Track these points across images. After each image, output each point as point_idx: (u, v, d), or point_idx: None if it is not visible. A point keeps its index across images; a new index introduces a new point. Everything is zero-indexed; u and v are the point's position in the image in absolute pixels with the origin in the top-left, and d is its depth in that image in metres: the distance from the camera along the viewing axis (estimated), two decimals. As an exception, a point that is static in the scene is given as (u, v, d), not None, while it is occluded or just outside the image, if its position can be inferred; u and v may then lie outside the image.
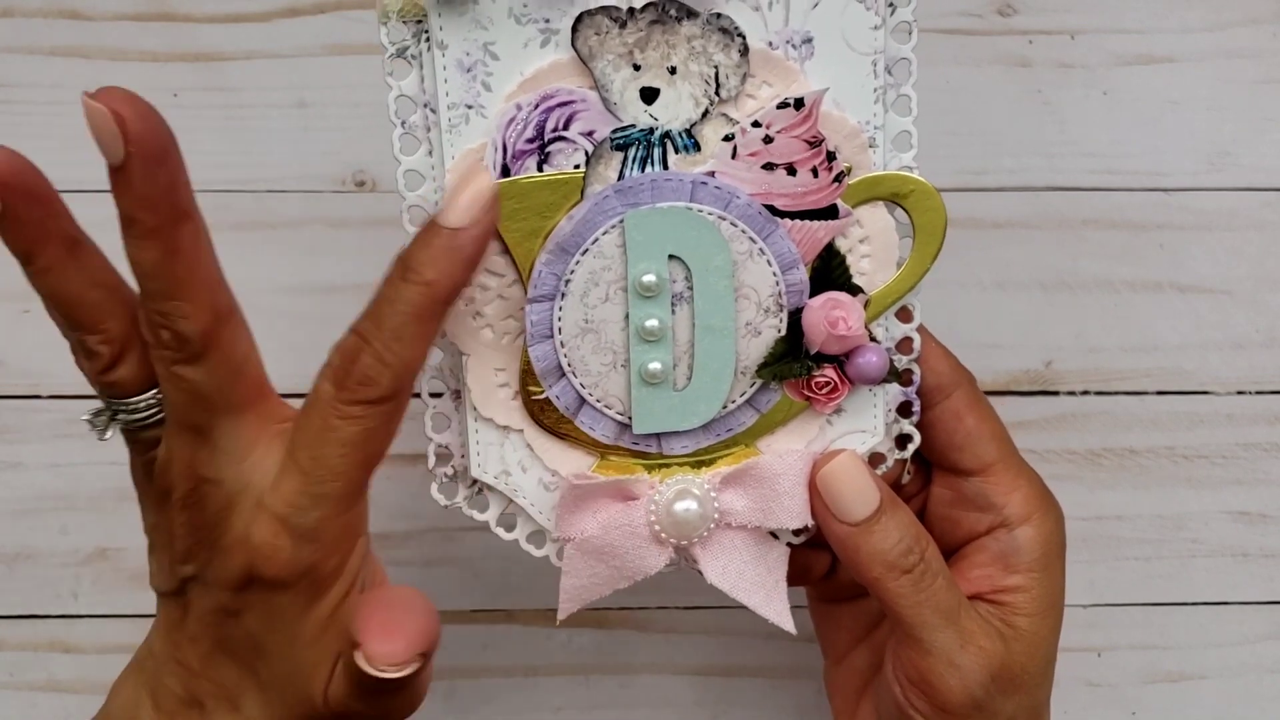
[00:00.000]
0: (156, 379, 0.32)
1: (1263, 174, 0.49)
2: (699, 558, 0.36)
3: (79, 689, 0.48)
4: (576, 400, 0.35)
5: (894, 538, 0.35)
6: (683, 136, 0.34)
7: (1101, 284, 0.49)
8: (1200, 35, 0.49)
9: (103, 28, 0.47)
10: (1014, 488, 0.37)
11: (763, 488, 0.35)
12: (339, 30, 0.48)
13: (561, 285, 0.34)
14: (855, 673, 0.41)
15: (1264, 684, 0.50)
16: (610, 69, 0.33)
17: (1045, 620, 0.37)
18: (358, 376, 0.31)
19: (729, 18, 0.33)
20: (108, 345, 0.32)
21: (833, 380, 0.35)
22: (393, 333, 0.31)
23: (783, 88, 0.34)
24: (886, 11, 0.34)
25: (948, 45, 0.48)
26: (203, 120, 0.48)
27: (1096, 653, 0.50)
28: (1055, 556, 0.37)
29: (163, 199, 0.30)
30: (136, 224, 0.30)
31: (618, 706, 0.50)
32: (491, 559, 0.49)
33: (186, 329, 0.31)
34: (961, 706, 0.35)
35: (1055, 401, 0.49)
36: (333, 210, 0.48)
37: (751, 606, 0.36)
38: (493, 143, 0.33)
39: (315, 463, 0.31)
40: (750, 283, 0.35)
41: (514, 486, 0.36)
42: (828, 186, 0.34)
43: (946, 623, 0.35)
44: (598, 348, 0.35)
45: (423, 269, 0.31)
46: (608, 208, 0.34)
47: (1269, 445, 0.50)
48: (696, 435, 0.36)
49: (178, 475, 0.32)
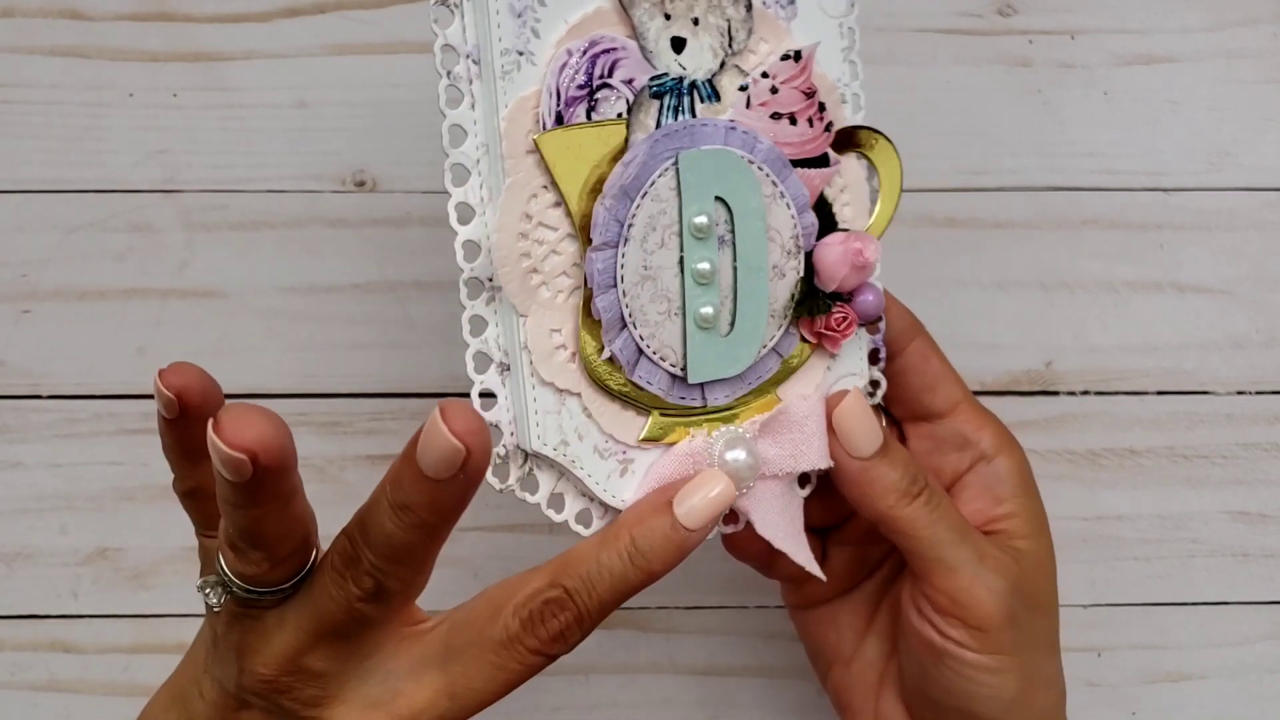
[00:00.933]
0: (287, 579, 0.32)
1: (1263, 174, 0.49)
2: (748, 509, 0.36)
3: (79, 689, 0.48)
4: (635, 353, 0.35)
5: (900, 468, 0.36)
6: (705, 86, 0.35)
7: (1101, 284, 0.49)
8: (1200, 35, 0.49)
9: (103, 28, 0.47)
10: (984, 424, 0.39)
11: (793, 433, 0.36)
12: (339, 30, 0.48)
13: (625, 231, 0.34)
14: (868, 667, 0.41)
15: (1264, 684, 0.50)
16: (646, 17, 0.34)
17: (1041, 540, 0.38)
18: (553, 632, 0.32)
19: None
20: (269, 562, 0.32)
21: (850, 315, 0.36)
22: (600, 604, 0.32)
23: (775, 45, 0.35)
24: None
25: (948, 45, 0.48)
26: (203, 120, 0.48)
27: (1096, 653, 0.50)
28: (1032, 484, 0.39)
29: (454, 508, 0.31)
30: (413, 513, 0.31)
31: (618, 706, 0.50)
32: (491, 559, 0.49)
33: (393, 586, 0.32)
34: (997, 619, 0.36)
35: (1055, 401, 0.49)
36: (333, 210, 0.48)
37: (790, 554, 0.37)
38: (547, 88, 0.33)
39: (467, 687, 0.32)
40: (775, 225, 0.35)
41: (572, 456, 0.35)
42: (820, 135, 0.36)
43: (963, 539, 0.36)
44: (655, 295, 0.35)
45: (652, 559, 0.32)
46: (660, 151, 0.34)
47: (1269, 445, 0.50)
48: (733, 384, 0.36)
49: (279, 652, 0.32)
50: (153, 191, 0.47)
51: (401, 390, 0.48)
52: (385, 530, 0.31)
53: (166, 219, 0.48)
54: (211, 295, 0.48)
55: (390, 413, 0.48)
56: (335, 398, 0.48)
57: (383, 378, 0.48)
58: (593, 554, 0.32)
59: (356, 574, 0.31)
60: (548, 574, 0.33)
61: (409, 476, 0.30)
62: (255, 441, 0.29)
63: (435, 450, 0.29)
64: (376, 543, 0.31)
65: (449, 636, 0.33)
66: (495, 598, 0.33)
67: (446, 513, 0.31)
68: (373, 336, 0.48)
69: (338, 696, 0.32)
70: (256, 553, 0.31)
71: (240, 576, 0.32)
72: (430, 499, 0.30)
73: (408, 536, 0.31)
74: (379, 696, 0.32)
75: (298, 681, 0.32)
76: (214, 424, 0.29)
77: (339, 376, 0.48)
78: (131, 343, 0.48)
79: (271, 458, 0.29)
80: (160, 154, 0.47)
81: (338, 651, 0.32)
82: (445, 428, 0.29)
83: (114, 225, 0.47)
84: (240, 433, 0.29)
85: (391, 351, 0.48)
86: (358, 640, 0.32)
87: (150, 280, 0.48)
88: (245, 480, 0.29)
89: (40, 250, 0.47)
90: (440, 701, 0.32)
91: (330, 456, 0.48)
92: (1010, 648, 0.36)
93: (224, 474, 0.29)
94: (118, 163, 0.47)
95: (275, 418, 0.29)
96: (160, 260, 0.47)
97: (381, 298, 0.48)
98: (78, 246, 0.47)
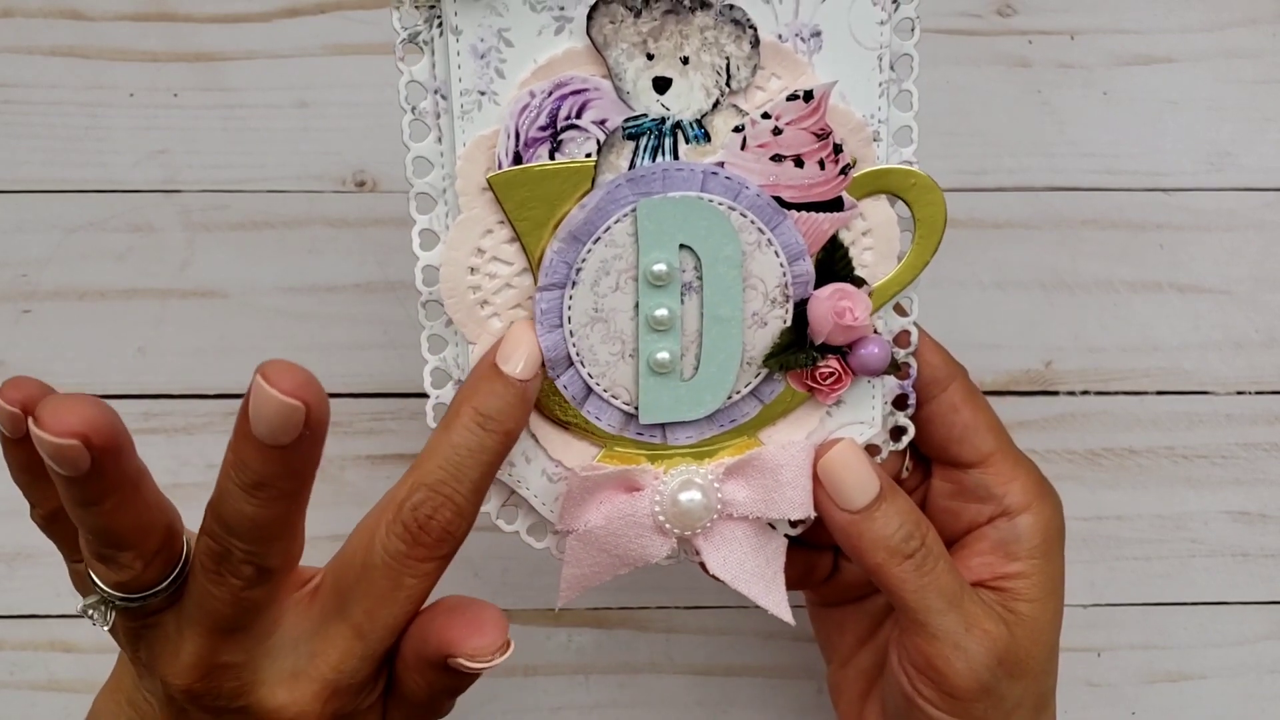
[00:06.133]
0: (163, 576, 0.31)
1: (1263, 174, 0.49)
2: (701, 548, 0.36)
3: (79, 689, 0.48)
4: (583, 389, 0.35)
5: (895, 524, 0.35)
6: (693, 127, 0.34)
7: (1101, 284, 0.49)
8: (1200, 35, 0.49)
9: (103, 28, 0.47)
10: (1012, 477, 0.37)
11: (765, 478, 0.36)
12: (339, 30, 0.48)
13: (572, 273, 0.34)
14: (860, 674, 0.41)
15: (1264, 684, 0.50)
16: (624, 58, 0.33)
17: (1047, 606, 0.37)
18: (437, 533, 0.31)
19: (742, 9, 0.33)
20: (141, 560, 0.31)
21: (837, 370, 0.36)
22: (474, 484, 0.32)
23: (791, 80, 0.34)
24: (891, 8, 0.34)
25: (948, 45, 0.48)
26: (203, 120, 0.48)
27: (1096, 653, 0.50)
28: (1055, 543, 0.38)
29: (308, 469, 0.30)
30: (269, 487, 0.30)
31: (618, 706, 0.50)
32: (491, 559, 0.49)
33: (273, 564, 0.31)
34: (969, 690, 0.35)
35: (1055, 401, 0.49)
36: (333, 210, 0.48)
37: (752, 597, 0.36)
38: (505, 129, 0.33)
39: (373, 622, 0.31)
40: (758, 273, 0.35)
41: (517, 478, 0.36)
42: (834, 179, 0.34)
43: (950, 606, 0.35)
44: (607, 337, 0.35)
45: (504, 419, 0.32)
46: (620, 196, 0.34)
47: (1269, 445, 0.50)
48: (701, 425, 0.36)
49: (188, 662, 0.32)
50: (153, 191, 0.47)
51: (401, 390, 0.48)
52: (246, 515, 0.30)
53: (167, 219, 0.48)
54: (212, 295, 0.48)
55: (390, 413, 0.48)
56: (335, 397, 0.48)
57: (383, 378, 0.48)
58: (444, 441, 0.32)
59: (232, 567, 0.30)
60: (406, 482, 0.32)
61: (252, 454, 0.29)
62: (82, 424, 0.27)
63: (270, 417, 0.28)
64: (241, 530, 0.30)
65: (337, 583, 0.32)
66: (366, 526, 0.32)
67: (303, 476, 0.30)
68: (373, 336, 0.48)
69: (258, 680, 0.32)
70: (124, 554, 0.30)
71: (118, 587, 0.31)
72: (283, 468, 0.29)
73: (271, 512, 0.30)
74: (296, 665, 0.32)
75: (215, 682, 0.32)
76: (35, 419, 0.27)
77: (339, 376, 0.48)
78: (131, 343, 0.48)
79: (104, 438, 0.28)
80: (160, 154, 0.47)
81: (242, 642, 0.32)
82: (275, 391, 0.28)
83: (114, 225, 0.47)
84: (64, 419, 0.27)
85: (391, 351, 0.48)
86: (257, 624, 0.32)
87: (150, 280, 0.47)
88: (85, 471, 0.28)
89: (40, 250, 0.47)
90: (353, 646, 0.32)
91: (330, 456, 0.48)
92: (981, 716, 0.35)
93: (61, 470, 0.28)
94: (118, 163, 0.47)
95: (98, 401, 0.28)
96: (160, 260, 0.47)
97: (381, 298, 0.48)
98: (78, 246, 0.47)
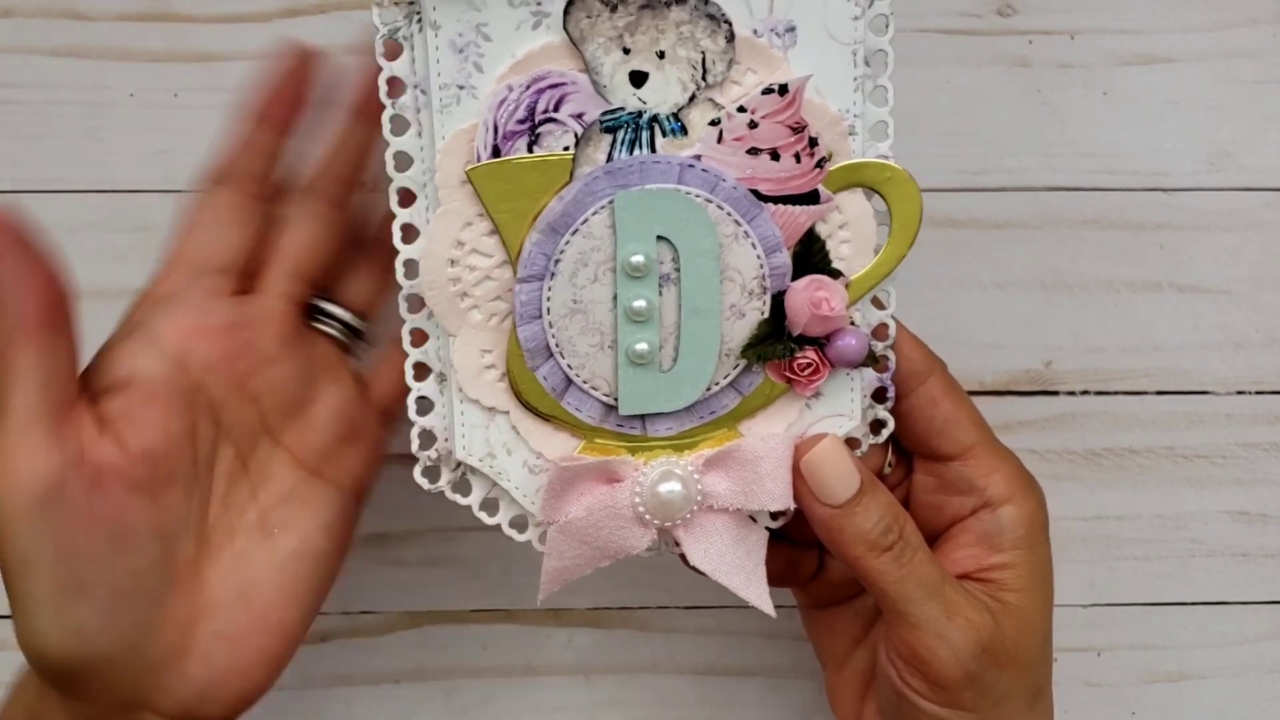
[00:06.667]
0: None
1: (1263, 174, 0.49)
2: (681, 540, 0.36)
3: (79, 689, 0.48)
4: (563, 381, 0.35)
5: (874, 518, 0.36)
6: (670, 120, 0.34)
7: (1101, 284, 0.49)
8: (1200, 35, 0.49)
9: (103, 28, 0.47)
10: (994, 469, 0.38)
11: (745, 470, 0.36)
12: (339, 30, 0.48)
13: (551, 265, 0.34)
14: (856, 676, 0.41)
15: (1264, 684, 0.50)
16: (601, 52, 0.33)
17: (1035, 595, 0.37)
18: None
19: (716, 4, 0.33)
20: None
21: (814, 362, 0.36)
22: None
23: (767, 75, 0.34)
24: (865, 3, 0.35)
25: (948, 45, 0.48)
26: (203, 120, 0.47)
27: (1096, 653, 0.50)
28: (1039, 533, 0.38)
29: None
30: None
31: (618, 706, 0.50)
32: (491, 559, 0.49)
33: None
34: (954, 679, 0.35)
35: (1055, 401, 0.49)
36: (333, 210, 0.48)
37: (732, 589, 0.36)
38: (484, 123, 0.33)
39: None
40: (735, 265, 0.35)
41: (499, 469, 0.36)
42: (810, 172, 0.35)
43: (930, 596, 0.35)
44: (586, 328, 0.35)
45: None
46: (598, 188, 0.34)
47: (1269, 445, 0.50)
48: (680, 417, 0.36)
49: None
50: (153, 191, 0.47)
51: (401, 390, 0.48)
52: None
53: (167, 219, 0.47)
54: (212, 295, 0.47)
55: (390, 413, 0.48)
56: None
57: (383, 378, 0.48)
58: None
59: None
60: None
61: None
62: None
63: None
64: None
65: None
66: None
67: None
68: (373, 336, 0.48)
69: None
70: None
71: None
72: None
73: None
74: None
75: None
76: None
77: (339, 376, 0.48)
78: (132, 343, 0.47)
79: None
80: (161, 154, 0.47)
81: None
82: None
83: (115, 225, 0.47)
84: None
85: (391, 351, 0.48)
86: None
87: (150, 280, 0.48)
88: None
89: (40, 250, 0.47)
90: None
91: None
92: (970, 705, 0.36)
93: None
94: (118, 163, 0.47)
95: None
96: (160, 260, 0.47)
97: (381, 298, 0.48)
98: (78, 246, 0.47)
